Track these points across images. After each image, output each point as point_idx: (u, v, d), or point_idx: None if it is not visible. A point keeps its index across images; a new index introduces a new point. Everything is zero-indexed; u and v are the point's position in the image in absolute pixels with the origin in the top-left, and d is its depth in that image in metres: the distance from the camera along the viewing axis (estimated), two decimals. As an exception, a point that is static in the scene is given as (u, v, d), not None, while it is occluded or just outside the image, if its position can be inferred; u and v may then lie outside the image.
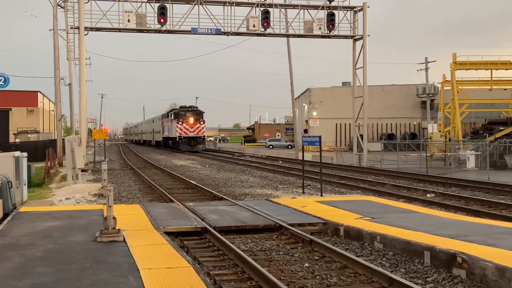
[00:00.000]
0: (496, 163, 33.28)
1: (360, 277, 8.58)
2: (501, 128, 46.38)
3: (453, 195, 19.56)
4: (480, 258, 8.10)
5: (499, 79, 53.20)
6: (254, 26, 34.60)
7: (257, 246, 11.02)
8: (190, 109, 68.60)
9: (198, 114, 67.06)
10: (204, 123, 66.34)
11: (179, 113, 66.71)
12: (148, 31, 34.66)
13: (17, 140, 53.85)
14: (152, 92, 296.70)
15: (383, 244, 10.44)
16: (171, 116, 69.64)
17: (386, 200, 16.80)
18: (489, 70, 51.82)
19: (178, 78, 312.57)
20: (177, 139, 64.37)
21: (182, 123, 63.81)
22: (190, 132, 63.93)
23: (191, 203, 16.46)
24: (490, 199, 18.28)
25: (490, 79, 52.53)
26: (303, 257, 10.06)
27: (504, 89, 56.34)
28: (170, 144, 70.37)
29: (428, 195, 19.95)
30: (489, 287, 7.77)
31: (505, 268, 7.57)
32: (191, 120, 64.40)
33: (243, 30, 35.07)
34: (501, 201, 17.97)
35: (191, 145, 63.23)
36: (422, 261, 9.30)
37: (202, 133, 65.93)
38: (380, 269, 8.54)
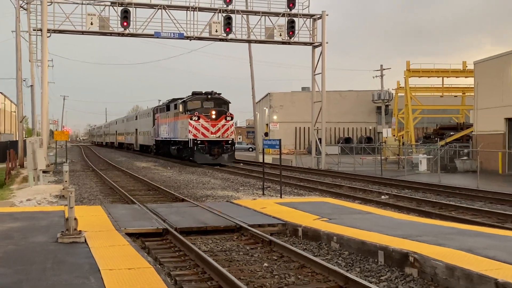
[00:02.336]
0: (447, 166, 34.01)
1: (317, 276, 8.64)
2: (451, 133, 47.52)
3: (406, 197, 19.90)
4: (431, 258, 8.25)
5: (450, 86, 54.58)
6: (216, 31, 34.64)
7: (217, 247, 10.99)
8: (210, 96, 41.30)
9: (223, 105, 41.56)
10: (232, 119, 40.51)
11: (192, 103, 40.94)
12: (111, 34, 34.34)
13: (-22, 141, 52.42)
14: (115, 95, 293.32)
15: (339, 244, 10.53)
16: (176, 107, 43.57)
17: (342, 202, 16.98)
18: (441, 78, 53.16)
19: (141, 81, 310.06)
20: (190, 145, 38.74)
21: (199, 119, 38.61)
22: (212, 133, 38.75)
23: (153, 205, 16.29)
24: (440, 201, 18.64)
25: (441, 86, 53.86)
26: (262, 257, 10.08)
27: (455, 96, 57.69)
28: (173, 152, 45.63)
29: (383, 196, 20.23)
30: (440, 285, 7.92)
31: (455, 267, 7.73)
32: (213, 114, 39.02)
33: (206, 35, 35.09)
34: (451, 202, 18.34)
35: (213, 154, 38.36)
36: (376, 260, 9.41)
37: (230, 136, 39.91)
38: (336, 268, 8.61)
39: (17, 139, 47.95)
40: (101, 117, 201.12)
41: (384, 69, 63.47)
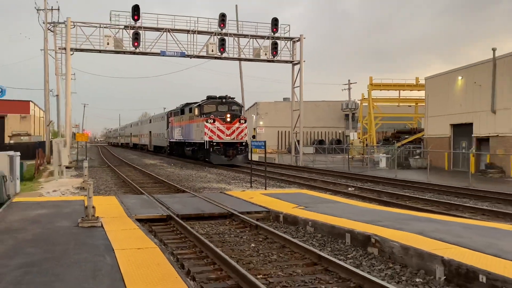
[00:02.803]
0: (402, 163, 34.20)
1: (295, 255, 8.65)
2: (406, 136, 47.88)
3: (369, 189, 19.99)
4: (389, 239, 8.30)
5: (405, 97, 55.01)
6: (212, 51, 34.84)
7: (212, 230, 10.97)
8: (224, 100, 36.82)
9: (236, 109, 37.36)
10: (245, 122, 35.97)
11: (208, 107, 36.58)
12: (124, 52, 34.27)
13: (12, 142, 51.87)
14: (127, 103, 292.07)
15: (314, 228, 10.56)
16: (191, 111, 38.73)
17: (316, 193, 17.01)
18: (398, 91, 53.55)
19: (149, 92, 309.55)
20: (206, 147, 34.43)
21: (214, 122, 34.46)
22: (227, 135, 34.56)
23: (158, 195, 16.23)
24: (397, 192, 18.73)
25: (398, 97, 54.23)
26: (250, 238, 10.07)
27: (409, 106, 58.19)
28: (187, 153, 40.81)
29: (349, 188, 20.31)
30: (396, 262, 7.97)
31: (409, 247, 7.78)
32: (228, 117, 34.85)
33: (204, 54, 35.14)
34: (406, 193, 18.45)
35: (229, 155, 34.39)
36: (344, 241, 9.45)
37: (244, 138, 35.41)
38: (311, 248, 8.63)
39: (44, 140, 47.50)
40: (115, 122, 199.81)
41: (351, 83, 63.79)
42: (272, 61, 36.96)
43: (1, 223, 10.28)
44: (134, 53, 34.09)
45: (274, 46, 36.27)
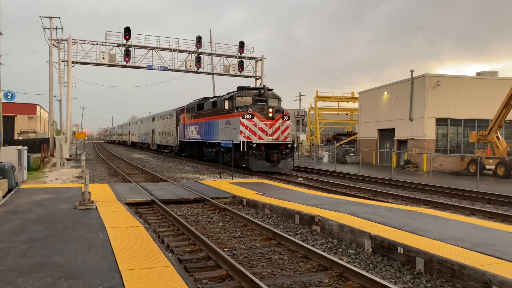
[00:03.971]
0: (340, 159, 34.76)
1: (255, 232, 8.66)
2: (343, 138, 48.66)
3: (314, 179, 20.20)
4: (329, 219, 8.42)
5: (343, 107, 55.99)
6: (190, 66, 34.70)
7: (188, 212, 10.86)
8: (262, 92, 23.08)
9: (278, 102, 23.62)
10: (289, 119, 22.58)
11: (242, 99, 23.07)
12: (117, 65, 33.62)
13: (20, 138, 49.87)
14: (118, 107, 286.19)
15: (270, 210, 10.60)
16: (215, 105, 25.80)
17: (273, 182, 17.07)
18: (337, 102, 54.48)
19: (137, 98, 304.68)
20: (243, 149, 21.13)
21: (252, 118, 21.47)
22: (269, 135, 21.74)
23: (144, 183, 15.93)
24: (336, 182, 19.01)
25: (338, 107, 55.15)
26: (218, 219, 10.02)
27: (346, 114, 59.23)
28: (208, 155, 27.68)
29: (299, 179, 20.46)
30: (334, 237, 8.09)
31: (344, 225, 7.92)
32: (270, 112, 21.82)
33: (183, 68, 34.86)
34: (342, 183, 18.74)
35: (272, 160, 21.61)
36: (294, 221, 9.52)
37: (288, 138, 22.31)
38: (268, 226, 8.66)
39: (49, 137, 45.90)
40: (109, 123, 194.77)
41: (301, 95, 64.36)
42: (239, 76, 37.05)
43: (9, 206, 9.86)
44: (125, 66, 33.49)
45: (241, 64, 36.47)
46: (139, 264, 5.48)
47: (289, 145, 22.27)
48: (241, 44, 36.34)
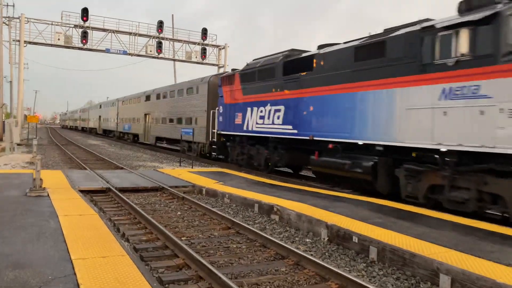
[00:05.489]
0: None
1: (213, 221, 8.67)
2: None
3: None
4: (287, 208, 8.55)
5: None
6: (151, 51, 34.10)
7: (145, 201, 10.68)
8: None
9: None
10: None
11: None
12: (73, 47, 32.37)
13: (-35, 121, 46.99)
14: (74, 91, 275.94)
15: (230, 199, 10.62)
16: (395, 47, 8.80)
17: (234, 171, 17.07)
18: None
19: (94, 83, 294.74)
20: None
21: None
22: None
23: (100, 171, 15.48)
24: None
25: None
26: (177, 208, 9.94)
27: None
28: (342, 166, 10.58)
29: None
30: (292, 226, 8.23)
31: (301, 214, 8.07)
32: None
33: (143, 53, 34.15)
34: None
35: None
36: (253, 210, 9.60)
37: None
38: (226, 215, 8.69)
39: (-3, 120, 43.52)
40: (64, 108, 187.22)
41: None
42: (202, 63, 36.80)
43: (-49, 192, 9.30)
44: (82, 49, 32.39)
45: (204, 51, 36.21)
46: (92, 253, 5.34)
47: None
48: (204, 31, 35.98)
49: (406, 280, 5.60)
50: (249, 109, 15.35)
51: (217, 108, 18.21)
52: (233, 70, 17.83)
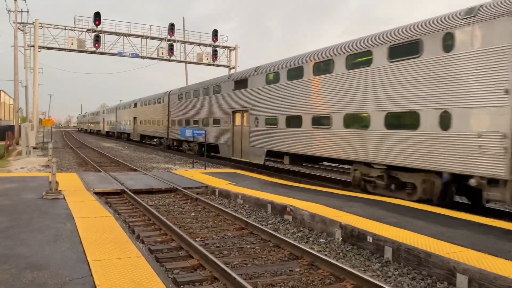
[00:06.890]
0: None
1: (227, 221, 8.69)
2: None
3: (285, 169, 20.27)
4: (300, 209, 8.53)
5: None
6: (162, 54, 34.27)
7: (159, 202, 10.76)
8: None
9: None
10: None
11: None
12: (86, 51, 32.78)
13: (-17, 125, 47.97)
14: (87, 95, 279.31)
15: (243, 200, 10.64)
16: None
17: (246, 172, 17.10)
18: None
19: (107, 86, 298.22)
20: None
21: None
22: None
23: (114, 173, 15.64)
24: (309, 173, 19.05)
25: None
26: (190, 209, 9.98)
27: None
28: None
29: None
30: (305, 226, 8.21)
31: (315, 214, 8.04)
32: None
33: (155, 56, 34.37)
34: (314, 173, 18.86)
35: None
36: (266, 210, 9.60)
37: None
38: (240, 216, 8.70)
39: (14, 124, 44.31)
40: (78, 111, 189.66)
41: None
42: (213, 65, 36.85)
43: (-29, 196, 9.49)
44: (95, 52, 32.71)
45: (215, 53, 36.28)
46: (108, 254, 5.40)
47: None
48: (215, 33, 36.05)
49: (422, 280, 5.54)
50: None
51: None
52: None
